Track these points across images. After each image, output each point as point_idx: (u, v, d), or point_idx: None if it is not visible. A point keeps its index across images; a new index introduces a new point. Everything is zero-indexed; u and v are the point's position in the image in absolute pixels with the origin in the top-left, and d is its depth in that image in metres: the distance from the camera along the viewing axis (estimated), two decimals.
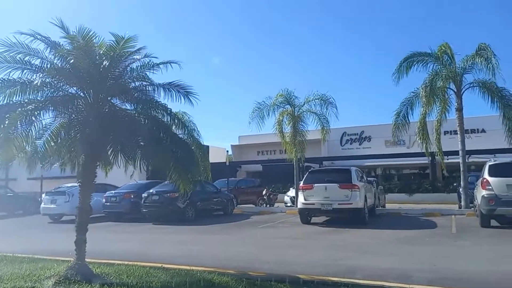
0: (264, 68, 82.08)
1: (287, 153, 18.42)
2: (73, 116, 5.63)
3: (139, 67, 6.06)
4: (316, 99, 17.45)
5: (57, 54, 5.44)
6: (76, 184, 14.55)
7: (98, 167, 6.14)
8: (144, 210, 14.26)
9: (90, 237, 5.60)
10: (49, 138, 5.43)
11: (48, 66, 5.42)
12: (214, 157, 24.84)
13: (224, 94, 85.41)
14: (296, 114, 17.72)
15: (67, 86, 5.59)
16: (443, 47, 14.86)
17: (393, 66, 15.17)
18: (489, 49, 13.60)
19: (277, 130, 17.93)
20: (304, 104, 17.77)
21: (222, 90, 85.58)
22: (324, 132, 17.88)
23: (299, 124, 17.76)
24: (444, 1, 74.11)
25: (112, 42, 5.76)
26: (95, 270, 5.53)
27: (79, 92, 5.68)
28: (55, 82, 5.46)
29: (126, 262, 6.27)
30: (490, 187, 10.12)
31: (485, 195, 10.13)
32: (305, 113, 17.84)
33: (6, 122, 4.89)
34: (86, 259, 5.48)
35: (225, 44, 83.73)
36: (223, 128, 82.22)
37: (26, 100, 5.29)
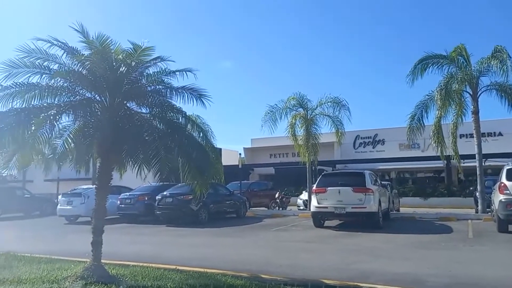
0: (275, 73, 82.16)
1: (300, 156, 18.39)
2: (91, 119, 5.75)
3: (155, 72, 6.17)
4: (329, 102, 17.39)
5: (74, 59, 5.57)
6: (91, 186, 14.84)
7: (114, 169, 6.25)
8: (158, 212, 14.40)
9: (105, 239, 5.69)
10: (68, 140, 5.55)
11: (66, 70, 5.55)
12: (227, 160, 24.91)
13: (237, 98, 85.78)
14: (308, 117, 17.67)
15: (84, 90, 5.71)
16: (458, 49, 14.69)
17: (407, 71, 15.03)
18: (504, 51, 13.40)
19: (289, 133, 17.92)
20: (317, 107, 17.73)
21: (234, 94, 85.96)
22: (339, 134, 17.78)
23: (312, 127, 17.70)
24: (457, 4, 73.10)
25: (129, 49, 5.88)
26: (111, 271, 5.61)
27: (95, 96, 5.80)
28: (72, 86, 5.59)
29: (141, 264, 6.33)
30: (508, 192, 9.93)
31: (503, 200, 9.94)
32: (318, 116, 17.78)
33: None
34: (102, 260, 5.57)
35: (235, 49, 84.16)
36: (235, 131, 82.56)
37: (45, 104, 5.43)
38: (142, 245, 9.67)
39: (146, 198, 15.29)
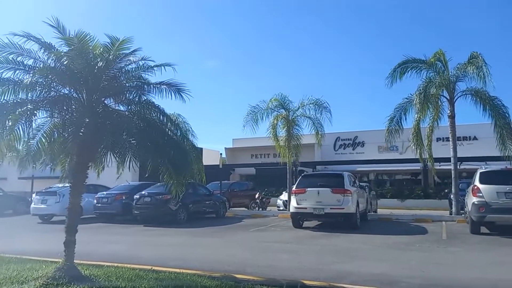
0: (258, 71, 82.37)
1: (281, 157, 18.45)
2: (67, 116, 5.61)
3: (134, 68, 6.06)
4: (310, 103, 17.55)
5: (51, 55, 5.42)
6: (67, 185, 14.48)
7: (90, 168, 6.12)
8: (135, 212, 14.19)
9: (80, 238, 5.56)
10: (42, 138, 5.39)
11: (41, 66, 5.40)
12: (208, 160, 24.74)
13: (219, 97, 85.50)
14: (290, 118, 17.78)
15: (60, 86, 5.56)
16: (437, 54, 15.02)
17: (387, 72, 15.28)
18: (480, 57, 13.75)
19: (271, 133, 17.97)
20: (298, 109, 17.86)
21: (216, 92, 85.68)
22: (319, 136, 17.94)
23: (294, 128, 17.82)
24: (440, 10, 74.92)
25: (107, 43, 5.77)
26: (84, 272, 5.48)
27: (72, 93, 5.66)
28: (48, 82, 5.43)
29: (115, 264, 6.22)
30: (481, 194, 10.21)
31: (476, 202, 10.22)
32: (299, 117, 17.92)
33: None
34: (75, 261, 5.43)
35: (219, 48, 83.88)
36: (217, 131, 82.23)
37: (19, 100, 5.27)
38: (118, 245, 9.50)
39: (123, 197, 15.05)
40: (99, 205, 15.23)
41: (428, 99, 14.44)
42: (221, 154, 25.02)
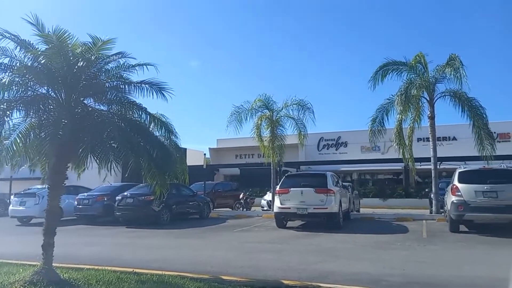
0: (241, 72, 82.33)
1: (265, 157, 18.48)
2: (44, 116, 5.47)
3: (114, 68, 5.98)
4: (294, 104, 17.62)
5: (27, 53, 5.29)
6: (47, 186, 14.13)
7: (70, 169, 6.00)
8: (117, 213, 13.99)
9: (60, 241, 5.45)
10: (17, 139, 5.24)
11: (18, 65, 5.26)
12: (192, 160, 24.58)
13: (203, 98, 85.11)
14: (274, 119, 17.82)
15: (37, 85, 5.43)
16: (417, 57, 15.29)
17: (370, 73, 15.50)
18: (458, 59, 14.07)
19: (255, 134, 17.99)
20: (282, 109, 17.92)
21: (200, 93, 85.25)
22: (302, 137, 18.04)
23: (277, 128, 17.87)
24: (419, 11, 76.40)
25: (89, 43, 5.67)
26: (63, 275, 5.38)
27: (50, 92, 5.54)
28: (24, 81, 5.29)
29: (96, 267, 6.12)
30: (460, 193, 10.43)
31: (455, 201, 10.44)
32: (283, 117, 17.98)
33: None
34: (54, 264, 5.33)
35: (202, 48, 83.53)
36: (201, 131, 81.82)
37: None
38: (99, 247, 9.35)
39: (105, 199, 14.82)
40: (80, 206, 14.96)
41: (409, 100, 14.70)
42: (205, 154, 24.90)
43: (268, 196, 19.11)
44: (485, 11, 68.13)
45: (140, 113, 6.14)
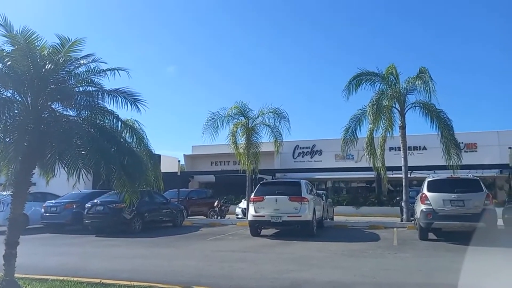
0: (217, 80, 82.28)
1: (240, 165, 18.43)
2: (9, 121, 5.24)
3: (84, 72, 5.83)
4: (269, 112, 17.71)
5: None
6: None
7: (39, 175, 5.77)
8: (86, 221, 13.56)
9: (25, 250, 5.22)
10: None
11: None
12: (166, 167, 24.22)
13: (178, 104, 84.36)
14: (250, 126, 17.85)
15: (2, 89, 5.20)
16: (390, 69, 15.71)
17: (344, 82, 15.77)
18: (427, 72, 14.56)
19: (230, 141, 17.94)
20: (258, 117, 17.98)
21: (175, 99, 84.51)
22: (277, 144, 18.14)
23: (253, 136, 17.90)
24: (393, 23, 78.83)
25: (56, 44, 5.51)
26: (26, 287, 5.16)
27: (16, 96, 5.32)
28: None
29: (61, 278, 5.89)
30: (429, 202, 10.72)
31: (424, 209, 10.71)
32: (259, 125, 18.04)
33: None
34: (16, 274, 5.09)
35: (177, 54, 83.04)
36: (176, 137, 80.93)
37: None
38: (66, 256, 9.00)
39: (74, 206, 14.36)
40: (47, 214, 14.40)
41: (380, 110, 15.04)
42: (179, 161, 24.62)
43: (243, 204, 19.03)
44: (459, 24, 71.09)
45: (111, 119, 6.00)
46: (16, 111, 5.25)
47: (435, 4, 73.23)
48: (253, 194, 12.79)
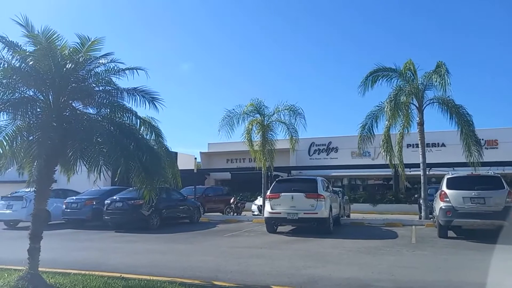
0: (232, 77, 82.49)
1: (256, 162, 18.46)
2: (32, 119, 5.40)
3: (104, 71, 5.94)
4: (285, 109, 17.65)
5: (15, 55, 5.23)
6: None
7: (60, 172, 5.93)
8: (106, 217, 13.83)
9: (47, 245, 5.37)
10: (3, 141, 5.15)
11: (5, 66, 5.19)
12: (183, 164, 24.51)
13: (193, 101, 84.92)
14: (265, 124, 17.83)
15: (25, 87, 5.36)
16: (407, 64, 15.46)
17: (359, 80, 15.61)
18: (444, 66, 14.23)
19: (246, 138, 17.97)
20: (273, 114, 17.93)
21: (191, 97, 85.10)
22: (293, 141, 18.08)
23: (268, 133, 17.86)
24: (409, 21, 77.44)
25: (76, 44, 5.64)
26: (49, 280, 5.30)
27: (38, 95, 5.47)
28: (12, 83, 5.22)
29: (83, 272, 6.05)
30: (448, 199, 10.54)
31: (443, 207, 10.54)
32: (274, 122, 18.00)
33: None
34: (40, 269, 5.25)
35: (191, 52, 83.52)
36: (192, 135, 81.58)
37: None
38: (87, 251, 9.22)
39: (94, 203, 14.68)
40: (68, 210, 14.77)
41: (398, 107, 14.81)
42: (195, 158, 24.83)
43: (259, 201, 19.07)
44: (476, 22, 69.38)
45: (130, 116, 6.10)
46: (38, 110, 5.40)
47: (452, 1, 71.62)
48: (269, 191, 12.81)
